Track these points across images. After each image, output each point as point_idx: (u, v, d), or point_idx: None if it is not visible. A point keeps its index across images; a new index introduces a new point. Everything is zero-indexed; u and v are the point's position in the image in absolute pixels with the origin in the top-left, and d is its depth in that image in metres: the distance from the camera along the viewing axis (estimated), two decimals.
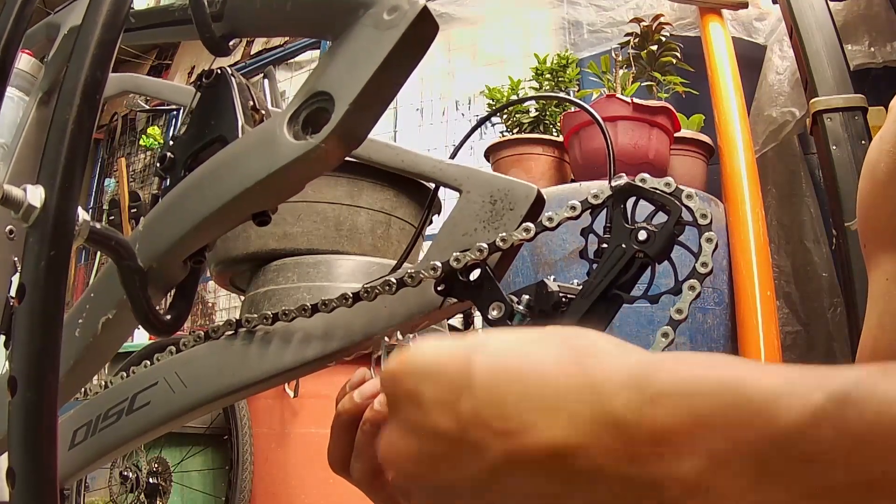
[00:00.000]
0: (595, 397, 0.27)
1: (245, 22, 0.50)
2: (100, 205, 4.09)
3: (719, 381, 0.25)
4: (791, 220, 2.19)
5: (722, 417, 0.24)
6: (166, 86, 0.84)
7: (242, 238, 1.65)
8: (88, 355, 0.55)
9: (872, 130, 1.68)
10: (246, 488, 1.61)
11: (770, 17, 2.27)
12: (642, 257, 0.45)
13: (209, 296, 3.51)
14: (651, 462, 0.25)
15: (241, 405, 1.68)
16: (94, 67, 0.40)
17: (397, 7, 0.41)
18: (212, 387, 0.57)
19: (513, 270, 1.77)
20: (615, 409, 0.26)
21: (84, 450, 0.61)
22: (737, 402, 0.24)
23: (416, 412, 0.30)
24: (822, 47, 1.80)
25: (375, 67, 0.41)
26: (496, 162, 2.12)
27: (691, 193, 0.45)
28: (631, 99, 1.84)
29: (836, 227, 1.69)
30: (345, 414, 0.46)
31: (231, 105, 0.51)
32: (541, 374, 0.28)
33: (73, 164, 0.39)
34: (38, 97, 0.69)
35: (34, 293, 0.37)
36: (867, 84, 1.89)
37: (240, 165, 0.46)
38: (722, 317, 1.78)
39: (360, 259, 1.60)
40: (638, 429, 0.25)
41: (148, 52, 4.21)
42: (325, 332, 0.56)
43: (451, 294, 0.52)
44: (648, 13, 2.30)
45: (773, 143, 2.14)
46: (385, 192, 1.65)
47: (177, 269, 0.52)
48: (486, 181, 0.57)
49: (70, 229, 0.39)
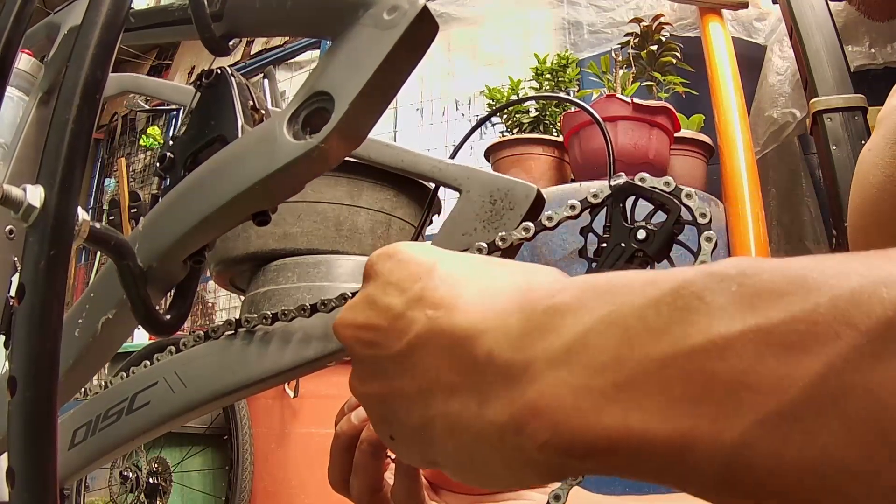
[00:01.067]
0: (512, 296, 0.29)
1: (245, 22, 0.50)
2: (100, 205, 4.09)
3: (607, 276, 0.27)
4: (791, 220, 2.19)
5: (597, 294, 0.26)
6: (166, 85, 0.84)
7: (242, 238, 1.65)
8: (88, 355, 0.55)
9: (872, 130, 1.67)
10: (246, 488, 1.61)
11: (770, 17, 2.27)
12: (641, 256, 0.45)
13: (209, 296, 3.51)
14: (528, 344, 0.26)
15: (241, 405, 1.68)
16: (94, 67, 0.40)
17: (397, 7, 0.41)
18: (212, 387, 0.57)
19: None
20: (523, 307, 0.28)
21: (84, 450, 0.61)
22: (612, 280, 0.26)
23: (377, 288, 0.34)
24: (822, 47, 1.80)
25: (375, 67, 0.41)
26: (496, 162, 2.12)
27: (691, 193, 0.45)
28: (631, 99, 1.84)
29: (836, 227, 1.69)
30: (343, 435, 0.49)
31: (231, 105, 0.51)
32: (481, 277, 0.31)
33: (73, 164, 0.39)
34: (38, 97, 0.69)
35: (34, 293, 0.37)
36: (867, 84, 1.90)
37: (240, 165, 0.46)
38: None
39: (360, 259, 1.60)
40: (531, 321, 0.27)
41: (148, 52, 4.22)
42: (325, 332, 0.56)
43: None
44: (648, 13, 2.30)
45: (774, 145, 2.15)
46: (385, 192, 1.65)
47: (177, 268, 0.52)
48: (486, 181, 0.57)
49: (70, 229, 0.39)
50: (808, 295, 0.21)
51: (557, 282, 0.29)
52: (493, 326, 0.28)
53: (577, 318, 0.25)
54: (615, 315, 0.24)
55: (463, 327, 0.29)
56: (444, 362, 0.29)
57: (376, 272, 0.35)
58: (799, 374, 0.20)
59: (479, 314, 0.29)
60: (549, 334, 0.26)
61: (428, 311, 0.30)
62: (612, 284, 0.26)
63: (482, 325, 0.28)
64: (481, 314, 0.29)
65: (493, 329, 0.28)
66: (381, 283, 0.34)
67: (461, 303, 0.30)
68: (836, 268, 0.21)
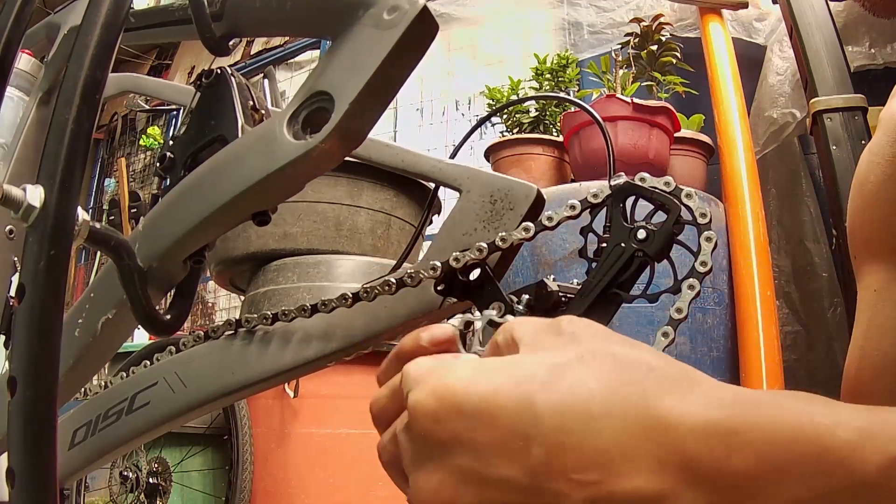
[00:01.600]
0: (677, 445, 0.26)
1: (245, 22, 0.50)
2: (100, 205, 4.09)
3: (798, 428, 0.25)
4: (791, 220, 2.19)
5: (803, 466, 0.25)
6: (166, 85, 0.84)
7: (242, 238, 1.65)
8: (88, 355, 0.55)
9: (872, 130, 1.67)
10: (246, 488, 1.61)
11: (770, 17, 2.27)
12: (641, 256, 0.45)
13: (209, 296, 3.51)
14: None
15: (241, 405, 1.68)
16: (94, 67, 0.40)
17: (397, 7, 0.41)
18: (211, 387, 0.57)
19: (513, 270, 1.77)
20: (700, 457, 0.26)
21: (84, 450, 0.61)
22: (817, 451, 0.25)
23: (471, 461, 0.28)
24: (822, 47, 1.80)
25: (375, 67, 0.41)
26: (496, 162, 2.12)
27: (690, 192, 0.45)
28: (631, 99, 1.84)
29: (836, 227, 1.69)
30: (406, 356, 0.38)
31: (231, 105, 0.51)
32: (611, 412, 0.27)
33: (73, 164, 0.39)
34: (38, 97, 0.69)
35: (34, 293, 0.37)
36: (867, 84, 1.89)
37: (239, 165, 0.46)
38: (722, 317, 1.78)
39: (360, 259, 1.60)
40: (721, 477, 0.25)
41: (148, 52, 4.22)
42: (325, 333, 0.56)
43: (451, 294, 0.52)
44: (648, 13, 2.30)
45: (774, 145, 2.15)
46: (385, 192, 1.65)
47: (177, 268, 0.52)
48: (486, 181, 0.57)
49: (69, 229, 0.39)
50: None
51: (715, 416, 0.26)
52: (679, 488, 0.26)
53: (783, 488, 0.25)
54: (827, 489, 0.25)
55: (640, 493, 0.26)
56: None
57: (448, 439, 0.28)
58: None
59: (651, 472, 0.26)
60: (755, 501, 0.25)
61: (576, 484, 0.26)
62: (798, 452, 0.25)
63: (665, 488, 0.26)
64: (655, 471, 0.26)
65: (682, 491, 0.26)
66: (469, 453, 0.28)
67: (617, 462, 0.26)
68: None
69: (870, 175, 0.47)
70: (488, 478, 0.28)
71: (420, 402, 0.29)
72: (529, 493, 0.27)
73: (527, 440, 0.27)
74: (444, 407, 0.29)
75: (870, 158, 0.48)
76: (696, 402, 0.27)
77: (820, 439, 0.25)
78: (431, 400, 0.29)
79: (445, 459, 0.29)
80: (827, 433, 0.25)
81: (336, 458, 1.58)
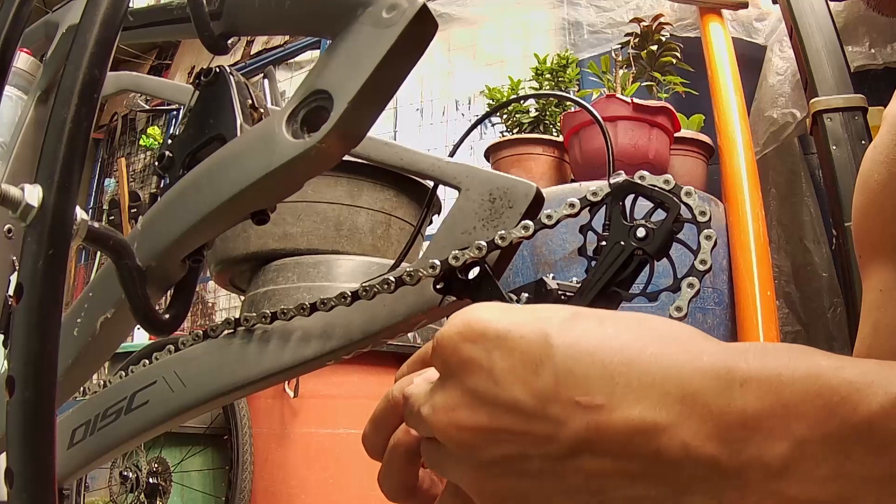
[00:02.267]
0: (682, 380, 0.27)
1: (244, 20, 0.50)
2: (100, 205, 4.09)
3: (804, 370, 0.26)
4: (791, 220, 2.19)
5: (808, 405, 0.25)
6: (165, 84, 0.84)
7: (242, 238, 1.65)
8: (87, 355, 0.55)
9: (872, 130, 1.68)
10: (246, 488, 1.61)
11: (770, 17, 2.27)
12: (641, 254, 0.44)
13: (209, 296, 3.51)
14: (738, 445, 0.25)
15: (241, 405, 1.68)
16: (93, 66, 0.39)
17: (396, 5, 0.41)
18: (211, 386, 0.57)
19: (512, 270, 1.77)
20: (704, 392, 0.26)
21: (83, 449, 0.61)
22: (821, 391, 0.25)
23: (485, 382, 0.29)
24: (822, 47, 1.80)
25: (374, 66, 0.41)
26: (496, 162, 2.12)
27: (690, 191, 0.45)
28: (631, 99, 1.84)
29: (836, 227, 1.68)
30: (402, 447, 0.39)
31: (230, 104, 0.51)
32: (623, 351, 0.28)
33: (72, 164, 0.38)
34: (37, 96, 0.69)
35: (32, 292, 0.37)
36: (867, 84, 1.89)
37: (238, 164, 0.46)
38: (722, 317, 1.78)
39: (359, 259, 1.60)
40: (727, 412, 0.26)
41: (148, 52, 4.22)
42: (324, 331, 0.56)
43: (450, 292, 0.52)
44: (648, 13, 2.30)
45: (774, 145, 2.15)
46: (385, 191, 1.65)
47: (175, 267, 0.52)
48: (485, 179, 0.57)
49: (68, 229, 0.39)
50: None
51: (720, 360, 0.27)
52: (680, 419, 0.26)
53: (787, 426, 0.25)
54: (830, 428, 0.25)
55: (639, 422, 0.26)
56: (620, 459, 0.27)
57: (467, 360, 0.30)
58: None
59: (652, 403, 0.27)
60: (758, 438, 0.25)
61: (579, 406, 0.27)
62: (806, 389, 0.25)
63: (665, 419, 0.26)
64: (656, 403, 0.27)
65: (682, 423, 0.26)
66: (484, 375, 0.29)
67: (620, 391, 0.27)
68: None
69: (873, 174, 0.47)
70: (499, 400, 0.29)
71: (448, 329, 0.31)
72: (532, 417, 0.28)
73: (538, 365, 0.29)
74: (469, 331, 0.31)
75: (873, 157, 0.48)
76: (702, 349, 0.28)
77: (823, 379, 0.25)
78: (459, 325, 0.31)
79: (463, 380, 0.30)
80: (831, 373, 0.25)
81: (336, 458, 1.58)
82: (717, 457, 0.26)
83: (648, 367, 0.28)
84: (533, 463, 0.29)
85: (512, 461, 0.29)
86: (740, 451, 0.25)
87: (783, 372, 0.26)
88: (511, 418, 0.29)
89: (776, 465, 0.25)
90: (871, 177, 0.48)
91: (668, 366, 0.27)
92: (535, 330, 0.30)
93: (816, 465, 0.24)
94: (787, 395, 0.25)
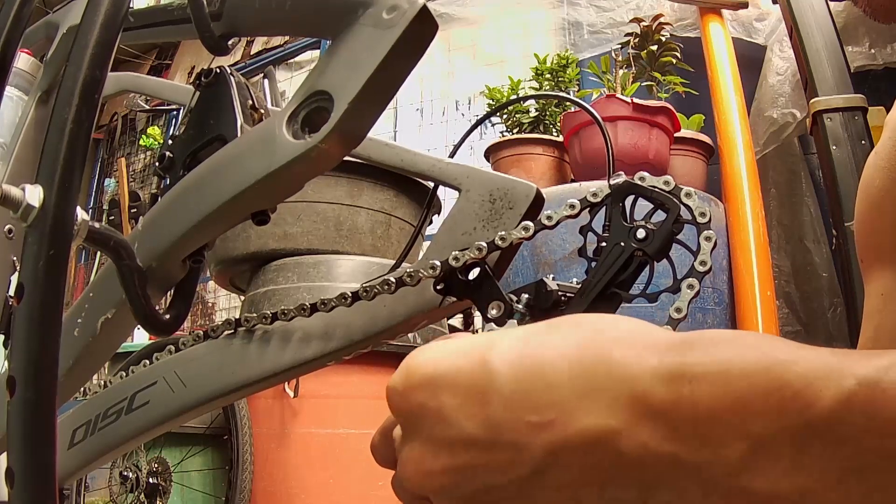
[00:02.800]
0: (629, 384, 0.27)
1: (244, 21, 0.50)
2: (100, 205, 4.09)
3: (756, 363, 0.25)
4: (791, 220, 2.19)
5: (761, 401, 0.25)
6: (166, 85, 0.84)
7: (242, 238, 1.65)
8: (87, 355, 0.55)
9: (872, 130, 1.68)
10: (246, 488, 1.61)
11: (770, 17, 2.27)
12: (641, 255, 0.45)
13: (209, 296, 3.51)
14: (695, 442, 0.25)
15: (241, 405, 1.68)
16: (93, 67, 0.40)
17: (396, 6, 0.41)
18: (211, 386, 0.57)
19: (512, 270, 1.77)
20: (653, 395, 0.26)
21: (83, 449, 0.61)
22: (774, 385, 0.25)
23: (438, 426, 0.29)
24: (822, 47, 1.80)
25: (375, 66, 0.41)
26: (496, 162, 2.12)
27: (690, 192, 0.45)
28: (631, 99, 1.84)
29: (836, 227, 1.68)
30: None
31: (230, 104, 0.51)
32: (566, 360, 0.28)
33: (72, 164, 0.39)
34: (37, 96, 0.69)
35: (33, 293, 0.37)
36: (867, 84, 1.89)
37: (239, 165, 0.46)
38: (722, 317, 1.78)
39: (359, 259, 1.60)
40: (678, 414, 0.26)
41: (148, 52, 4.22)
42: (325, 332, 0.56)
43: (451, 293, 0.52)
44: (648, 13, 2.30)
45: (774, 145, 2.15)
46: (385, 192, 1.65)
47: (176, 268, 0.52)
48: (485, 180, 0.57)
49: (69, 229, 0.39)
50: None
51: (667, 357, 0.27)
52: (633, 421, 0.26)
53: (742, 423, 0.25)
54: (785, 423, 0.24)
55: (594, 429, 0.26)
56: (585, 468, 0.27)
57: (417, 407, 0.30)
58: None
59: (602, 410, 0.27)
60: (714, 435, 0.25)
61: (532, 426, 0.27)
62: None
63: (619, 423, 0.26)
64: (606, 409, 0.27)
65: (636, 424, 0.26)
66: (435, 418, 0.29)
67: (569, 403, 0.27)
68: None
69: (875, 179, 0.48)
70: (455, 440, 0.29)
71: (394, 381, 0.31)
72: (491, 447, 0.28)
73: (484, 394, 0.28)
74: (410, 380, 0.30)
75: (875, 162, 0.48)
76: (649, 348, 0.28)
77: (776, 374, 0.25)
78: (399, 378, 0.31)
79: (420, 431, 0.30)
80: (784, 368, 0.25)
81: (336, 458, 1.58)
82: (678, 454, 0.25)
83: (594, 373, 0.27)
84: (506, 490, 0.28)
85: (486, 492, 0.29)
86: (698, 448, 0.25)
87: (734, 365, 0.25)
88: (471, 454, 0.28)
89: (735, 462, 0.25)
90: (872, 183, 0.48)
91: (612, 369, 0.27)
92: (475, 360, 0.29)
93: (776, 460, 0.24)
94: (739, 391, 0.25)
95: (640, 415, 0.26)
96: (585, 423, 0.27)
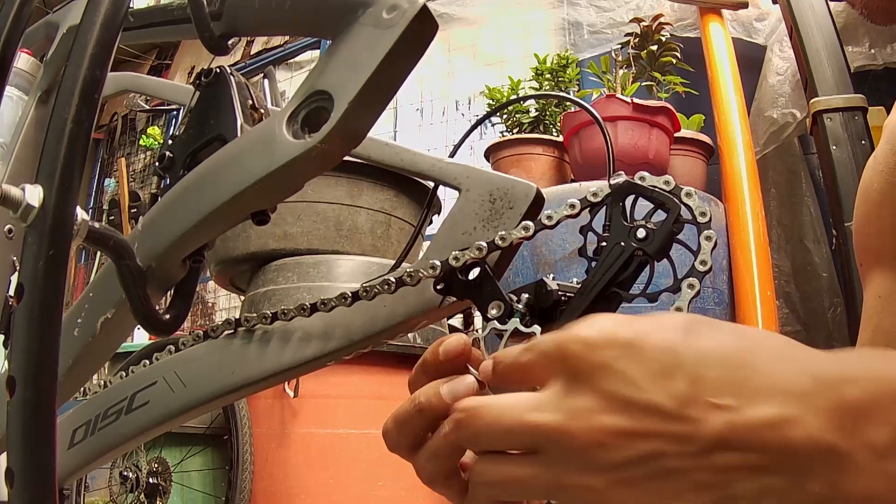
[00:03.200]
0: (798, 381, 0.30)
1: (244, 21, 0.50)
2: (100, 205, 4.09)
3: None
4: (791, 220, 2.19)
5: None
6: (166, 85, 0.84)
7: (242, 238, 1.65)
8: (87, 355, 0.55)
9: (872, 130, 1.68)
10: (246, 488, 1.61)
11: (770, 17, 2.27)
12: (641, 255, 0.44)
13: (209, 296, 3.51)
14: (851, 432, 0.29)
15: (241, 405, 1.68)
16: (93, 66, 0.40)
17: (396, 6, 0.41)
18: (211, 386, 0.57)
19: (513, 270, 1.77)
20: (820, 390, 0.30)
21: (83, 449, 0.61)
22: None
23: (623, 386, 0.31)
24: (822, 47, 1.80)
25: (375, 66, 0.41)
26: (496, 162, 2.12)
27: (690, 191, 0.45)
28: (631, 99, 1.84)
29: (836, 227, 1.68)
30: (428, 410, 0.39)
31: (230, 104, 0.51)
32: (742, 358, 0.31)
33: (72, 164, 0.39)
34: (37, 96, 0.69)
35: (33, 293, 0.37)
36: (867, 84, 1.89)
37: (239, 164, 0.46)
38: (722, 317, 1.78)
39: (359, 259, 1.60)
40: (841, 405, 0.29)
41: (148, 52, 4.22)
42: (324, 332, 0.56)
43: (451, 293, 0.52)
44: (648, 13, 2.30)
45: (774, 145, 2.14)
46: (385, 192, 1.65)
47: (176, 268, 0.52)
48: (485, 180, 0.57)
49: (68, 229, 0.39)
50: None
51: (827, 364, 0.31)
52: (803, 413, 0.29)
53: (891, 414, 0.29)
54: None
55: (772, 417, 0.30)
56: (750, 453, 0.30)
57: (600, 365, 0.32)
58: None
59: (777, 401, 0.30)
60: (867, 425, 0.29)
61: (714, 407, 0.30)
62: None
63: (792, 413, 0.30)
64: (781, 401, 0.30)
65: (806, 415, 0.29)
66: (620, 379, 0.32)
67: (746, 393, 0.30)
68: None
69: (873, 183, 0.48)
70: (636, 402, 0.31)
71: (574, 336, 0.33)
72: (672, 418, 0.30)
73: (672, 371, 0.31)
74: (600, 336, 0.33)
75: (874, 166, 0.49)
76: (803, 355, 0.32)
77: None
78: (590, 331, 0.33)
79: (597, 386, 0.32)
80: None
81: (336, 458, 1.58)
82: (836, 443, 0.29)
83: (765, 371, 0.31)
84: (667, 461, 0.30)
85: (646, 461, 0.31)
86: (853, 437, 0.29)
87: (888, 371, 0.30)
88: (651, 420, 0.31)
89: (883, 447, 0.28)
90: (871, 186, 0.48)
91: (781, 369, 0.31)
92: (662, 338, 0.32)
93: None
94: (889, 389, 0.29)
95: (807, 407, 0.29)
96: (763, 410, 0.30)
